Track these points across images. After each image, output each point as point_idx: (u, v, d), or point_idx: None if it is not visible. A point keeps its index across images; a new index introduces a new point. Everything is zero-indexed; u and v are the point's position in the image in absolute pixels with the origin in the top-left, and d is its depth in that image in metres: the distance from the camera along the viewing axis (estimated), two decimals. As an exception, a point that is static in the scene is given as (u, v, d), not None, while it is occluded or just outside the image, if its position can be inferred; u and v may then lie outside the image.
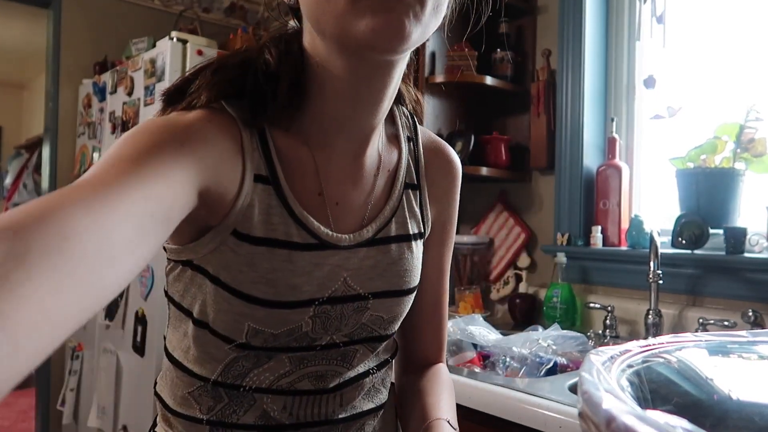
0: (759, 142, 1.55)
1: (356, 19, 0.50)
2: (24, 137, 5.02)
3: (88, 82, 2.77)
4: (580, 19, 1.85)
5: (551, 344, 1.43)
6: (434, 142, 0.77)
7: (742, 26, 1.70)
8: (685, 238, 1.57)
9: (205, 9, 3.04)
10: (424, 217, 0.73)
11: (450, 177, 0.77)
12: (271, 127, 0.61)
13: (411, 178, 0.72)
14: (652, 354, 0.44)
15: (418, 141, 0.74)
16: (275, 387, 0.65)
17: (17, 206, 0.39)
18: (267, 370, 0.64)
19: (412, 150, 0.73)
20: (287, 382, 0.65)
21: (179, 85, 0.61)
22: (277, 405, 0.66)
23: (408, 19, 0.51)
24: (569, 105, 1.87)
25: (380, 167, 0.68)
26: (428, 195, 0.73)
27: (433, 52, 1.93)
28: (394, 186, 0.69)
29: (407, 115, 0.75)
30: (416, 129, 0.75)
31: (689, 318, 1.57)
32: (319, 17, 0.54)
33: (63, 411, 2.68)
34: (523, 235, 2.00)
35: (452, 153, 0.78)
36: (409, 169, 0.72)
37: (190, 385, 0.66)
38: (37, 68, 4.36)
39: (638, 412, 0.30)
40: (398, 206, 0.69)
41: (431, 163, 0.75)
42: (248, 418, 0.65)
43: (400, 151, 0.71)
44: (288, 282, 0.60)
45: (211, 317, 0.62)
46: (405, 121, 0.74)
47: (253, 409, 0.65)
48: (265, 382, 0.65)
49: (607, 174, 1.81)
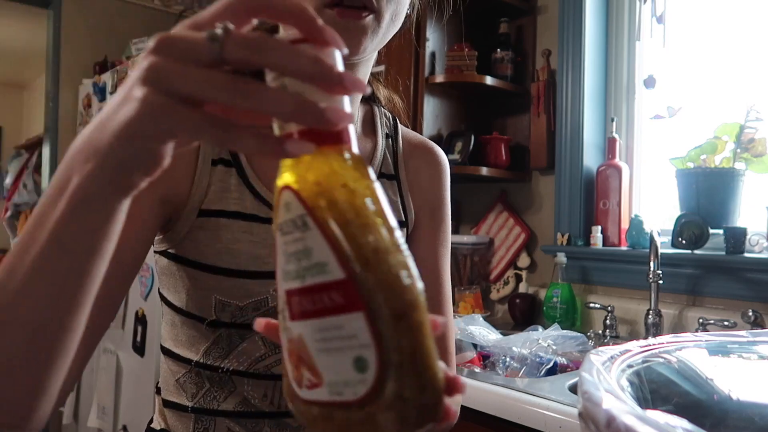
0: (759, 142, 1.55)
1: None
2: (24, 137, 5.02)
3: (88, 82, 2.77)
4: (580, 19, 1.85)
5: (551, 344, 1.43)
6: (417, 137, 0.81)
7: (742, 26, 1.70)
8: (685, 238, 1.57)
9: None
10: (405, 206, 0.75)
11: (434, 166, 0.78)
12: None
13: (387, 169, 0.75)
14: (652, 354, 0.44)
15: (397, 137, 0.78)
16: (252, 370, 0.67)
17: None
18: (243, 353, 0.66)
19: (391, 145, 0.76)
20: (264, 366, 0.67)
21: None
22: (257, 392, 0.67)
23: (364, 36, 0.59)
24: (569, 105, 1.87)
25: None
26: (409, 185, 0.76)
27: (433, 52, 1.93)
28: None
29: (388, 116, 0.79)
30: (396, 128, 0.79)
31: (689, 318, 1.57)
32: None
33: (63, 411, 2.68)
34: (523, 235, 2.00)
35: (436, 146, 0.81)
36: (386, 161, 0.75)
37: (177, 372, 0.70)
38: (38, 68, 4.36)
39: (638, 412, 0.30)
40: None
41: (412, 155, 0.78)
42: (228, 404, 0.67)
43: (376, 143, 0.75)
44: (250, 252, 0.64)
45: (185, 299, 0.66)
46: (385, 120, 0.78)
47: (233, 396, 0.67)
48: (243, 365, 0.67)
49: (607, 174, 1.81)
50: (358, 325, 0.30)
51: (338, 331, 0.31)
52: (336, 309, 0.31)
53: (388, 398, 0.30)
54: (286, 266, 0.33)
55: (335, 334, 0.31)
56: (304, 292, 0.32)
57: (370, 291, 0.30)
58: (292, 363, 0.33)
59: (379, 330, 0.30)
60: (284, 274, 0.33)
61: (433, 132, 1.96)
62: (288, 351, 0.34)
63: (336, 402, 0.31)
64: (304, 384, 0.33)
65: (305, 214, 0.32)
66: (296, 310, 0.32)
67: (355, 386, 0.30)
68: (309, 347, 0.32)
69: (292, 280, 0.32)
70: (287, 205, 0.33)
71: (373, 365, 0.30)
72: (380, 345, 0.30)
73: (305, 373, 0.32)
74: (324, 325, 0.31)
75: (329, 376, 0.31)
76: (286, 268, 0.33)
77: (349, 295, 0.30)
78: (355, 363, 0.30)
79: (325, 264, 0.31)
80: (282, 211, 0.33)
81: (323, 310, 0.31)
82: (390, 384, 0.30)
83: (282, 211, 0.33)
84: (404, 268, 0.32)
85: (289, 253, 0.32)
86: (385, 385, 0.30)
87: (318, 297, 0.31)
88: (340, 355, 0.31)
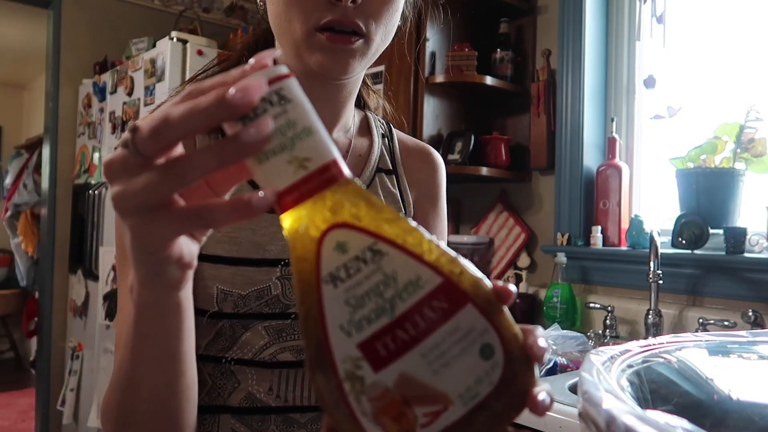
0: (759, 142, 1.55)
1: (308, 52, 0.60)
2: (24, 137, 5.03)
3: (88, 82, 2.77)
4: (580, 19, 1.85)
5: (551, 344, 1.43)
6: (412, 140, 0.82)
7: (742, 26, 1.70)
8: (685, 238, 1.57)
9: (205, 9, 3.04)
10: (404, 200, 0.75)
11: (430, 164, 0.79)
12: None
13: (385, 164, 0.75)
14: (652, 354, 0.44)
15: (393, 137, 0.79)
16: (257, 359, 0.66)
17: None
18: (246, 343, 0.66)
19: (387, 144, 0.77)
20: (269, 354, 0.66)
21: None
22: (262, 385, 0.66)
23: (353, 58, 0.60)
24: (569, 105, 1.87)
25: (349, 150, 0.73)
26: (407, 179, 0.77)
27: (433, 52, 1.93)
28: (365, 168, 0.73)
29: (382, 121, 0.81)
30: (391, 131, 0.80)
31: (689, 318, 1.57)
32: (279, 37, 0.63)
33: (63, 411, 2.68)
34: (523, 235, 2.00)
35: (430, 148, 0.82)
36: (383, 157, 0.76)
37: None
38: (38, 68, 4.36)
39: (638, 412, 0.30)
40: (369, 185, 0.73)
41: (409, 154, 0.79)
42: (233, 400, 0.66)
43: (372, 142, 0.76)
44: (251, 240, 0.65)
45: None
46: (380, 123, 0.79)
47: (237, 391, 0.66)
48: (247, 355, 0.66)
49: (607, 174, 1.81)
50: (472, 315, 0.31)
51: (456, 332, 0.31)
52: (447, 313, 0.31)
53: (517, 372, 0.31)
54: (358, 313, 0.31)
55: (454, 338, 0.31)
56: (401, 321, 0.31)
57: (466, 282, 0.31)
58: (392, 417, 0.31)
59: (488, 311, 0.31)
60: (355, 326, 0.31)
61: (433, 132, 1.96)
62: (378, 411, 0.31)
63: (474, 407, 0.31)
64: (420, 424, 0.31)
65: (374, 242, 0.31)
66: (390, 350, 0.31)
67: (489, 376, 0.31)
68: (420, 377, 0.31)
69: (375, 321, 0.31)
70: (341, 246, 0.31)
71: (498, 346, 0.31)
72: (495, 324, 0.31)
73: (419, 411, 0.31)
74: (438, 338, 0.31)
75: (458, 386, 0.31)
76: (357, 317, 0.31)
77: (454, 294, 0.31)
78: (481, 352, 0.31)
79: (417, 279, 0.31)
80: (333, 257, 0.31)
81: (434, 323, 0.31)
82: (514, 357, 0.31)
83: (333, 257, 0.31)
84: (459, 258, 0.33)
85: (359, 295, 0.31)
86: (514, 360, 0.31)
87: (423, 314, 0.31)
88: (465, 355, 0.31)
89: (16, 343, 4.87)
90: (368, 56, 0.62)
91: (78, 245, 2.72)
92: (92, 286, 2.56)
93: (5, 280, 4.88)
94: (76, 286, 2.73)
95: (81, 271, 2.67)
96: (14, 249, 4.36)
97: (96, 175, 2.60)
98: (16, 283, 4.63)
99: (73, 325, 2.75)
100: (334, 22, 0.58)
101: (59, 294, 2.85)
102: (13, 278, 4.70)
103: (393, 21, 0.64)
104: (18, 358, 4.89)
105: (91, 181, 2.64)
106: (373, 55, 0.63)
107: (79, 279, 2.69)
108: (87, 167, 2.71)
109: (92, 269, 2.55)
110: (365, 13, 0.60)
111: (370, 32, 0.60)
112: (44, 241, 2.89)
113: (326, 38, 0.58)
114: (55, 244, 2.84)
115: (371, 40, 0.61)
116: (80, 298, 2.65)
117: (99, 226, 2.51)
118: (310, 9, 0.58)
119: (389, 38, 0.65)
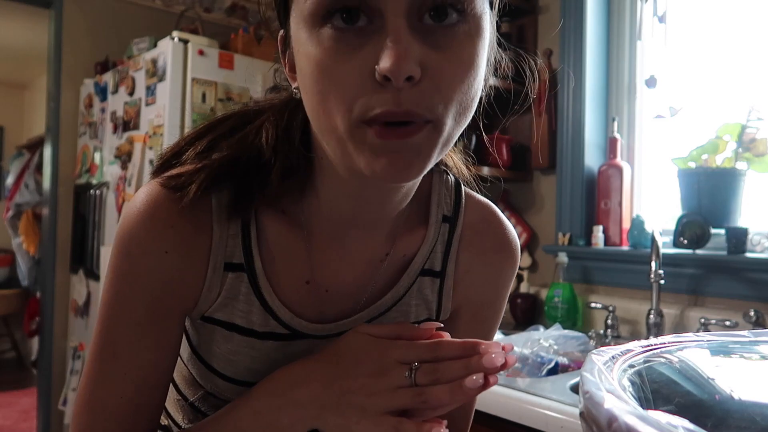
0: (760, 141, 1.55)
1: (356, 152, 0.45)
2: (25, 137, 5.03)
3: (89, 81, 2.78)
4: (582, 19, 1.85)
5: (552, 344, 1.43)
6: (485, 220, 0.66)
7: (744, 26, 1.70)
8: (687, 238, 1.57)
9: (207, 9, 3.04)
10: (441, 306, 0.64)
11: (496, 259, 0.65)
12: (264, 208, 0.57)
13: (433, 265, 0.62)
14: (653, 354, 0.44)
15: (457, 221, 0.63)
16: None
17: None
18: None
19: (444, 233, 0.63)
20: None
21: (169, 157, 0.59)
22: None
23: (418, 158, 0.44)
24: (570, 105, 1.87)
25: (390, 253, 0.60)
26: (455, 281, 0.64)
27: (434, 51, 1.93)
28: (405, 272, 0.61)
29: (451, 188, 0.65)
30: (459, 207, 0.64)
31: (691, 318, 1.57)
32: (321, 131, 0.48)
33: (64, 411, 2.69)
34: (524, 234, 1.99)
35: (506, 232, 0.66)
36: (434, 256, 0.62)
37: (177, 396, 0.69)
38: (39, 68, 4.36)
39: (640, 412, 0.30)
40: (404, 294, 0.61)
41: (471, 244, 0.64)
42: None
43: (425, 236, 0.62)
44: (247, 366, 0.59)
45: (180, 364, 0.66)
46: (445, 195, 0.64)
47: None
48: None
49: (608, 174, 1.81)
50: None
51: None
52: None
53: None
54: None
55: None
56: None
57: None
58: None
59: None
60: None
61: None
62: None
63: None
64: None
65: None
66: None
67: None
68: None
69: None
70: None
71: None
72: None
73: None
74: None
75: None
76: None
77: None
78: None
79: None
80: None
81: None
82: None
83: None
84: None
85: None
86: None
87: None
88: None
89: (18, 342, 4.88)
90: (437, 149, 0.45)
91: (79, 245, 2.72)
92: (94, 286, 2.56)
93: (7, 279, 4.89)
94: (77, 286, 2.73)
95: (82, 271, 2.67)
96: (16, 249, 4.37)
97: (97, 175, 2.60)
98: (18, 283, 4.64)
99: (75, 325, 2.75)
100: (385, 115, 0.42)
101: (61, 294, 2.85)
102: (15, 278, 4.70)
103: (471, 93, 0.46)
104: (19, 357, 4.89)
105: (92, 180, 2.64)
106: (445, 145, 0.46)
107: (80, 279, 2.69)
108: (88, 167, 2.71)
109: (93, 269, 2.56)
110: (428, 91, 0.43)
111: (438, 115, 0.44)
112: (46, 240, 2.89)
113: (375, 133, 0.43)
114: (57, 244, 2.84)
115: (442, 125, 0.44)
116: (82, 298, 2.66)
117: (100, 226, 2.51)
118: (352, 95, 0.43)
119: (468, 117, 0.47)
